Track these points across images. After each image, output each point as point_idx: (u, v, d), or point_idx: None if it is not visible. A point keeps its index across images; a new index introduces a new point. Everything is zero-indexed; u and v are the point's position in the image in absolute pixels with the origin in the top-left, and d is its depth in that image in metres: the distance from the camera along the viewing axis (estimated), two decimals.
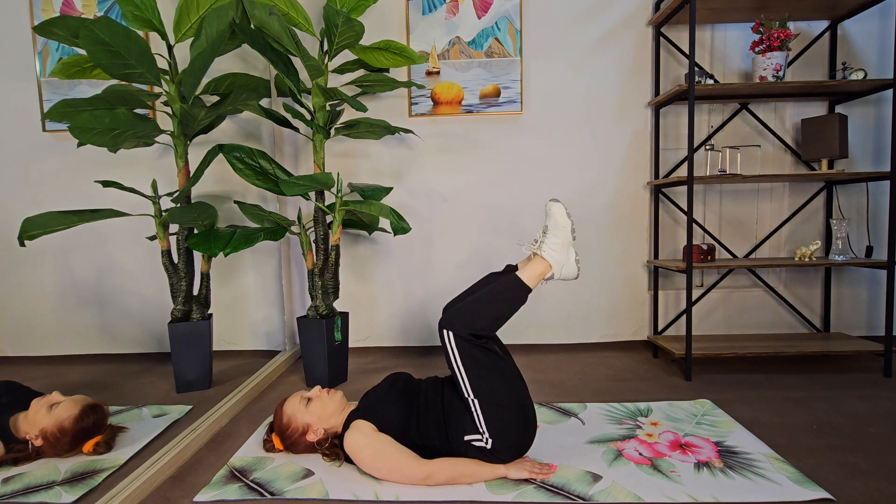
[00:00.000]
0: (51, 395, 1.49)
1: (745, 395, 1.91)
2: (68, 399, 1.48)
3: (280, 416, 1.47)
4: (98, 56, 1.64)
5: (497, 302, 1.37)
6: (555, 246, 1.43)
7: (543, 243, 1.44)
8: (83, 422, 1.46)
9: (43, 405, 1.45)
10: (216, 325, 2.56)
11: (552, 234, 1.45)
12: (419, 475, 1.29)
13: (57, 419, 1.44)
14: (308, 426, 1.44)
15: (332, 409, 1.44)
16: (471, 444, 1.33)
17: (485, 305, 1.35)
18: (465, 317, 1.33)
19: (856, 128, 2.42)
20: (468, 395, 1.32)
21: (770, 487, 1.26)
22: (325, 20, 1.91)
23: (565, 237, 1.44)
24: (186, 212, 1.89)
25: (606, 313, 2.53)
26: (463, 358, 1.32)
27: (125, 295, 2.51)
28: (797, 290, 2.50)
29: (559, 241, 1.44)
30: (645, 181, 2.47)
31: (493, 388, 1.32)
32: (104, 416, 1.54)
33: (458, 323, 1.32)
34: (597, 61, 2.42)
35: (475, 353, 1.32)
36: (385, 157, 2.50)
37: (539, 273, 1.42)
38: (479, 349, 1.32)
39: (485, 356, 1.33)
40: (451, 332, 1.32)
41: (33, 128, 2.43)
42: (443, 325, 1.33)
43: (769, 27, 2.11)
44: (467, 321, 1.32)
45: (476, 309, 1.34)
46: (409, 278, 2.55)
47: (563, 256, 1.44)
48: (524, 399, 1.36)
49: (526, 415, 1.35)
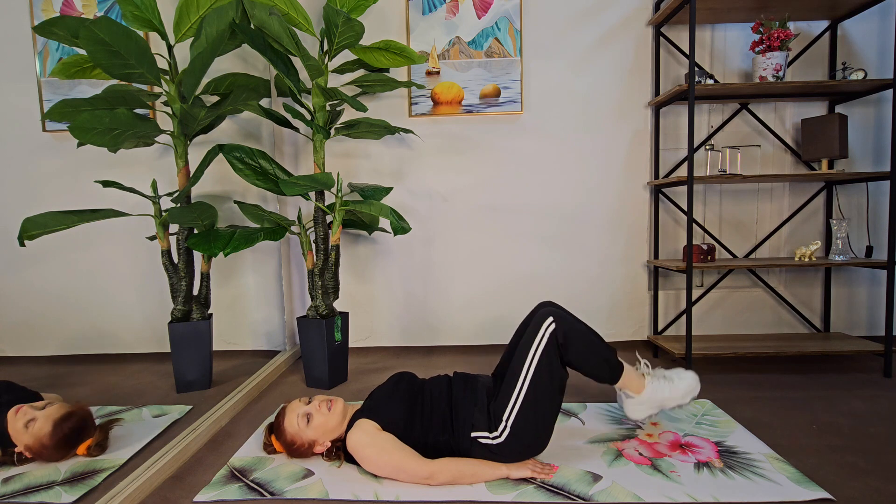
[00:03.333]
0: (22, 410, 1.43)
1: (745, 395, 1.91)
2: (40, 415, 1.42)
3: (283, 434, 1.44)
4: (98, 56, 1.64)
5: (596, 342, 1.40)
6: (660, 389, 1.45)
7: (655, 382, 1.46)
8: (59, 434, 1.42)
9: (19, 420, 1.41)
10: (216, 325, 2.56)
11: (669, 387, 1.46)
12: (421, 474, 1.29)
13: (34, 437, 1.41)
14: (314, 442, 1.43)
15: (334, 423, 1.43)
16: (477, 440, 1.33)
17: (590, 334, 1.40)
18: (574, 326, 1.37)
19: (856, 128, 2.42)
20: (522, 382, 1.34)
21: (770, 487, 1.26)
22: (325, 20, 1.91)
23: (667, 402, 1.46)
24: (186, 212, 1.89)
25: (606, 313, 2.53)
26: (543, 350, 1.34)
27: (125, 295, 2.51)
28: (797, 290, 2.50)
29: (667, 395, 1.45)
30: (645, 181, 2.47)
31: (546, 391, 1.34)
32: (81, 419, 1.47)
33: (565, 323, 1.35)
34: (597, 61, 2.42)
35: (553, 356, 1.35)
36: (385, 157, 2.50)
37: (632, 384, 1.45)
38: (557, 356, 1.35)
39: (556, 364, 1.35)
40: (554, 325, 1.35)
41: (33, 128, 2.43)
42: (552, 314, 1.36)
43: (769, 27, 2.11)
44: (570, 330, 1.35)
45: (582, 330, 1.39)
46: (409, 278, 2.55)
47: (653, 404, 1.46)
48: (555, 416, 1.39)
49: (549, 427, 1.38)
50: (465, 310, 2.55)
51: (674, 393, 1.45)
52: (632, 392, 1.45)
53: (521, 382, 1.33)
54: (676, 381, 1.46)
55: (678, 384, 1.45)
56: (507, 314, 2.54)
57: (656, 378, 1.46)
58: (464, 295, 2.54)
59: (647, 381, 1.45)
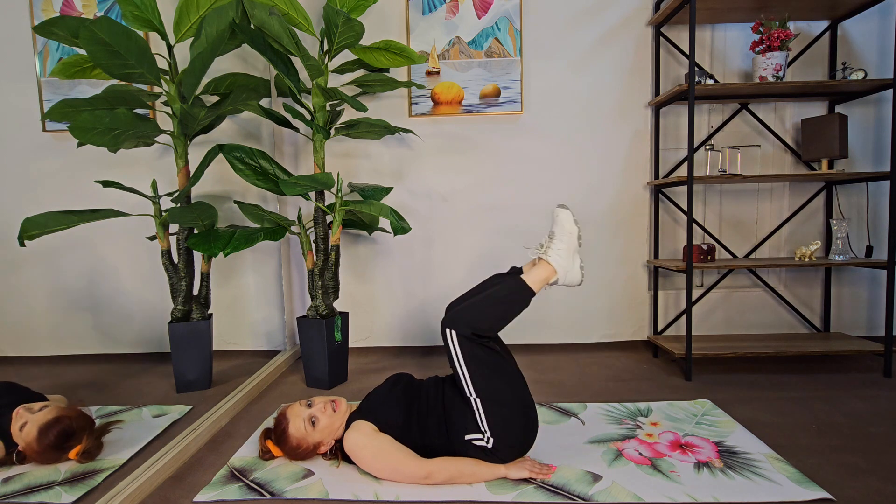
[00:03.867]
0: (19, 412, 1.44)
1: (745, 395, 1.91)
2: (30, 419, 1.43)
3: (288, 440, 1.43)
4: (98, 56, 1.64)
5: (501, 304, 1.37)
6: (560, 252, 1.44)
7: (549, 248, 1.45)
8: (44, 440, 1.41)
9: (16, 423, 1.43)
10: (216, 325, 2.56)
11: (558, 239, 1.45)
12: (419, 474, 1.29)
13: (24, 440, 1.42)
14: (319, 443, 1.43)
15: (339, 422, 1.43)
16: (471, 443, 1.33)
17: (488, 306, 1.36)
18: (468, 316, 1.33)
19: (856, 128, 2.42)
20: (470, 394, 1.32)
21: (770, 487, 1.26)
22: (325, 20, 1.91)
23: (571, 243, 1.45)
24: (186, 212, 1.89)
25: (606, 313, 2.53)
26: (465, 357, 1.32)
27: (125, 295, 2.51)
28: (797, 290, 2.50)
29: (565, 246, 1.44)
30: (645, 181, 2.47)
31: (495, 387, 1.32)
32: (68, 426, 1.45)
33: (460, 322, 1.33)
34: (597, 61, 2.42)
35: (477, 351, 1.32)
36: (385, 157, 2.50)
37: (543, 277, 1.43)
38: (481, 348, 1.33)
39: (487, 355, 1.34)
40: (453, 331, 1.32)
41: (33, 128, 2.43)
42: (445, 323, 1.34)
43: (769, 27, 2.11)
44: (470, 320, 1.33)
45: (479, 309, 1.35)
46: (409, 278, 2.55)
47: (568, 262, 1.45)
48: (526, 399, 1.37)
49: (527, 414, 1.36)
50: None
51: (565, 239, 1.44)
52: (549, 277, 1.43)
53: (472, 393, 1.32)
54: (556, 229, 1.46)
55: (558, 231, 1.45)
56: None
57: (549, 250, 1.44)
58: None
59: (549, 258, 1.43)
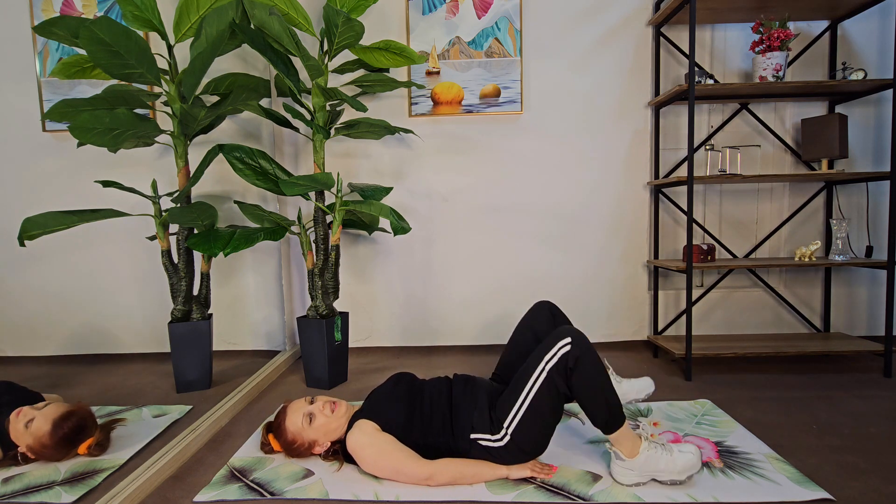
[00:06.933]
0: (23, 412, 1.44)
1: (745, 395, 1.90)
2: (39, 414, 1.43)
3: (284, 433, 1.44)
4: (98, 56, 1.63)
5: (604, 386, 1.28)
6: (653, 462, 1.28)
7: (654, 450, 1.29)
8: (58, 433, 1.42)
9: (20, 421, 1.42)
10: (216, 325, 2.56)
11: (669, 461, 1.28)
12: (421, 475, 1.29)
13: (34, 436, 1.41)
14: (314, 442, 1.43)
15: (336, 425, 1.43)
16: (476, 442, 1.33)
17: (602, 374, 1.28)
18: (588, 355, 1.27)
19: (856, 128, 2.42)
20: (526, 394, 1.29)
21: (770, 487, 1.26)
22: (325, 20, 1.91)
23: (659, 475, 1.29)
24: (186, 212, 1.89)
25: (606, 313, 2.53)
26: (552, 367, 1.28)
27: (125, 295, 2.50)
28: (797, 290, 2.50)
29: (661, 469, 1.28)
30: (645, 181, 2.47)
31: (547, 405, 1.30)
32: (81, 419, 1.48)
33: (581, 349, 1.27)
34: (597, 61, 2.42)
35: (559, 376, 1.28)
36: (385, 157, 2.50)
37: (627, 445, 1.30)
38: (564, 376, 1.28)
39: (562, 385, 1.29)
40: (572, 344, 1.27)
41: (33, 128, 2.43)
42: (573, 337, 1.28)
43: (769, 27, 2.11)
44: (585, 357, 1.27)
45: (597, 365, 1.28)
46: (409, 278, 2.55)
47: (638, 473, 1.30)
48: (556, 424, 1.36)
49: (548, 436, 1.36)
50: (465, 310, 2.55)
51: (670, 466, 1.27)
52: (623, 454, 1.29)
53: (524, 394, 1.30)
54: (676, 454, 1.28)
55: (677, 458, 1.27)
56: (508, 314, 2.54)
57: (654, 445, 1.29)
58: (464, 295, 2.54)
59: (643, 447, 1.28)
